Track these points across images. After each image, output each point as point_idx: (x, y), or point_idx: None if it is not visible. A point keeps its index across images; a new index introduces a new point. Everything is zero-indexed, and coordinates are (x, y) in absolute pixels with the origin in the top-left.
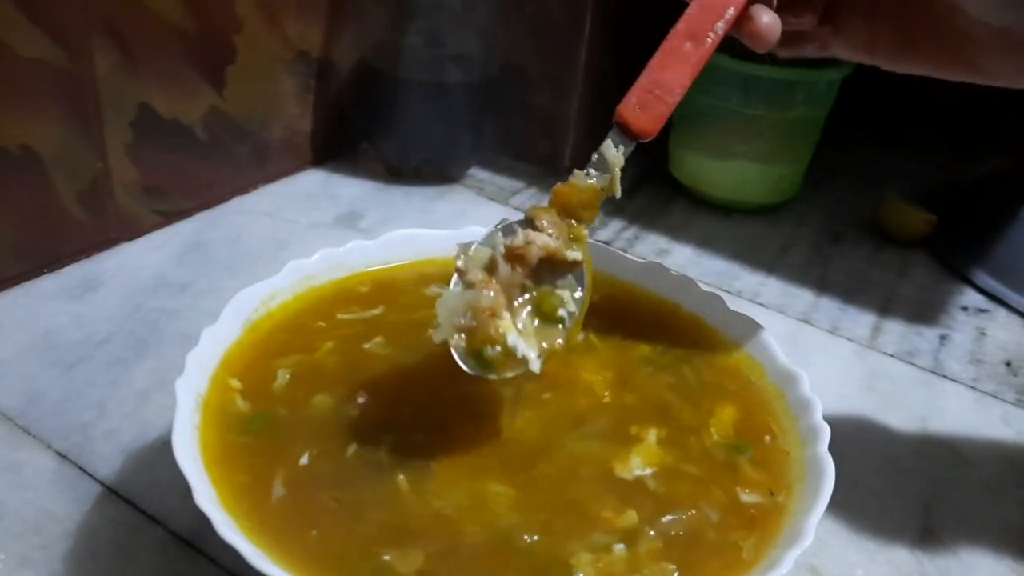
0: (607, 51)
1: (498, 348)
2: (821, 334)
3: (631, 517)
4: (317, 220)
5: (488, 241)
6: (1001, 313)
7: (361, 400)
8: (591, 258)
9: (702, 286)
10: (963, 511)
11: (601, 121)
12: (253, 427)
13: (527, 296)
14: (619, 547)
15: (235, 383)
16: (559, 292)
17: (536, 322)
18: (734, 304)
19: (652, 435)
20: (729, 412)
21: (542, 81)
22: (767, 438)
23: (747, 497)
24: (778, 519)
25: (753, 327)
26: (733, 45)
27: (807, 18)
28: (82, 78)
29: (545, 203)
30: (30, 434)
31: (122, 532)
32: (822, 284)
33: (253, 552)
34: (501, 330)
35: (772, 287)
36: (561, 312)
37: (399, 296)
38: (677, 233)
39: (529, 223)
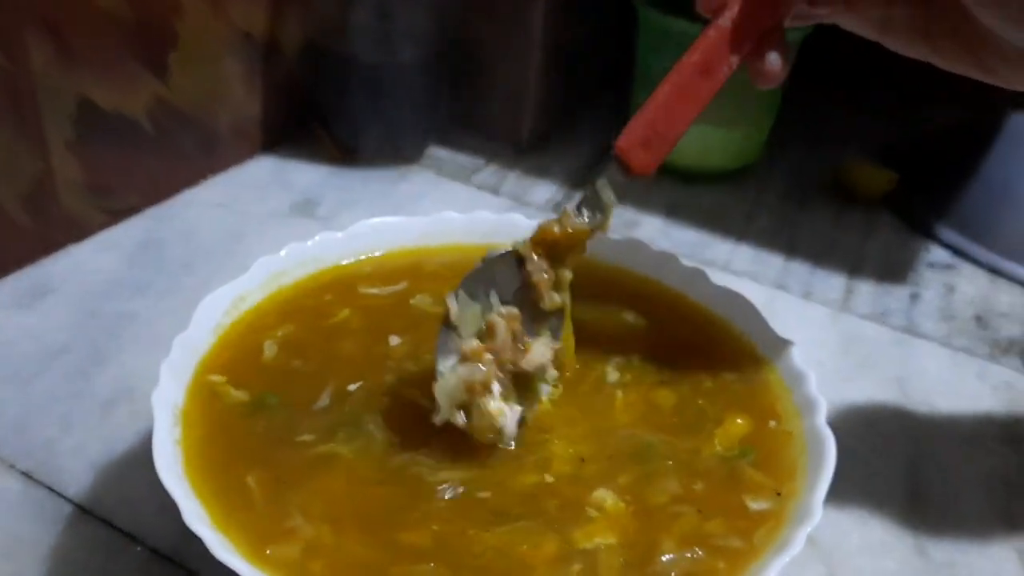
0: (564, 19)
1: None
2: (795, 300)
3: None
4: (272, 209)
5: (477, 288)
6: (967, 268)
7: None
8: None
9: (682, 260)
10: (948, 468)
11: (558, 94)
12: (265, 403)
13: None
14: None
15: (217, 378)
16: (536, 347)
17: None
18: (707, 273)
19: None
20: (734, 422)
21: (497, 54)
22: (772, 423)
23: (755, 505)
24: (786, 504)
25: (740, 302)
26: (686, 5)
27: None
28: (17, 74)
29: (508, 178)
30: None
31: (99, 553)
32: (791, 249)
33: (252, 571)
34: (491, 407)
35: (743, 254)
36: (542, 387)
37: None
38: (643, 204)
39: (519, 262)
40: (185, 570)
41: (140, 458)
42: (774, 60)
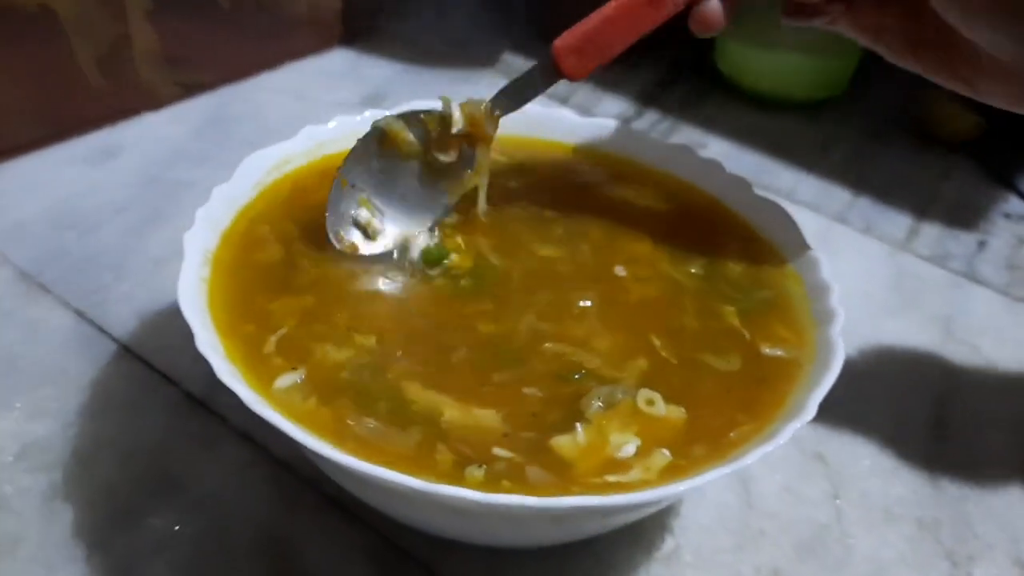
0: None
1: None
2: (854, 234)
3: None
4: (341, 99)
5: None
6: None
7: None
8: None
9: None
10: (977, 407)
11: None
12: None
13: None
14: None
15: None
16: None
17: None
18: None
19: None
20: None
21: None
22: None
23: (769, 351)
24: (783, 396)
25: (778, 212)
26: None
27: None
28: None
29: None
30: (48, 292)
31: (135, 389)
32: (860, 183)
33: (252, 398)
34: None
35: (808, 185)
36: None
37: None
38: (714, 126)
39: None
40: (214, 414)
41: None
42: (713, 7)
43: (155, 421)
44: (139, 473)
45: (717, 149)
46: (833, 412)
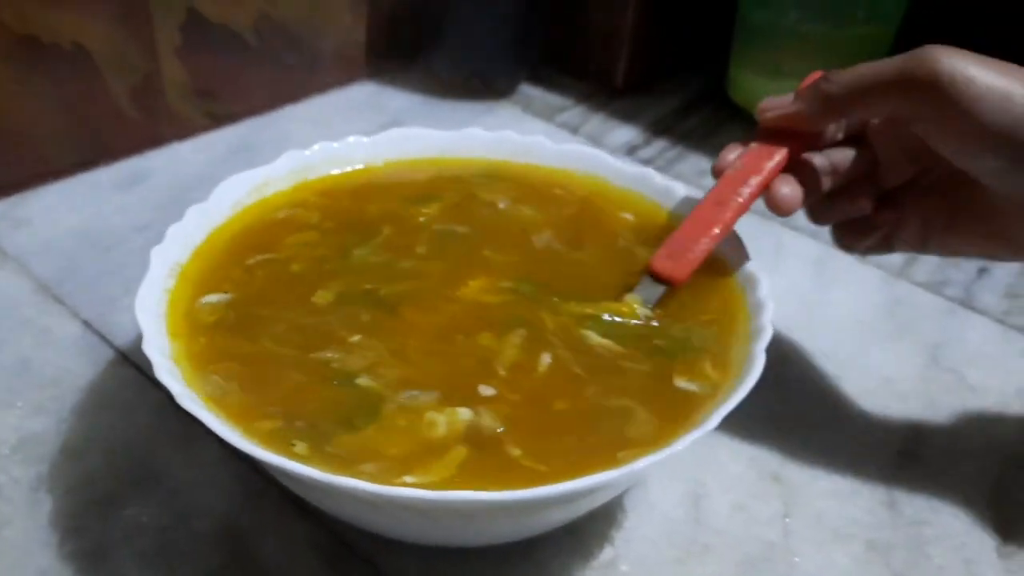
0: None
1: None
2: (849, 261)
3: None
4: (360, 129)
5: None
6: None
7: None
8: None
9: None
10: (951, 435)
11: (656, 38)
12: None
13: None
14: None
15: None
16: None
17: None
18: (765, 227)
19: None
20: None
21: None
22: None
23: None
24: (698, 412)
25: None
26: None
27: (862, 203)
28: None
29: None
30: (62, 303)
31: (127, 392)
32: None
33: (183, 392)
34: None
35: None
36: None
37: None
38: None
39: None
40: (196, 421)
41: None
42: (784, 191)
43: (141, 421)
44: (120, 467)
45: None
46: (798, 435)
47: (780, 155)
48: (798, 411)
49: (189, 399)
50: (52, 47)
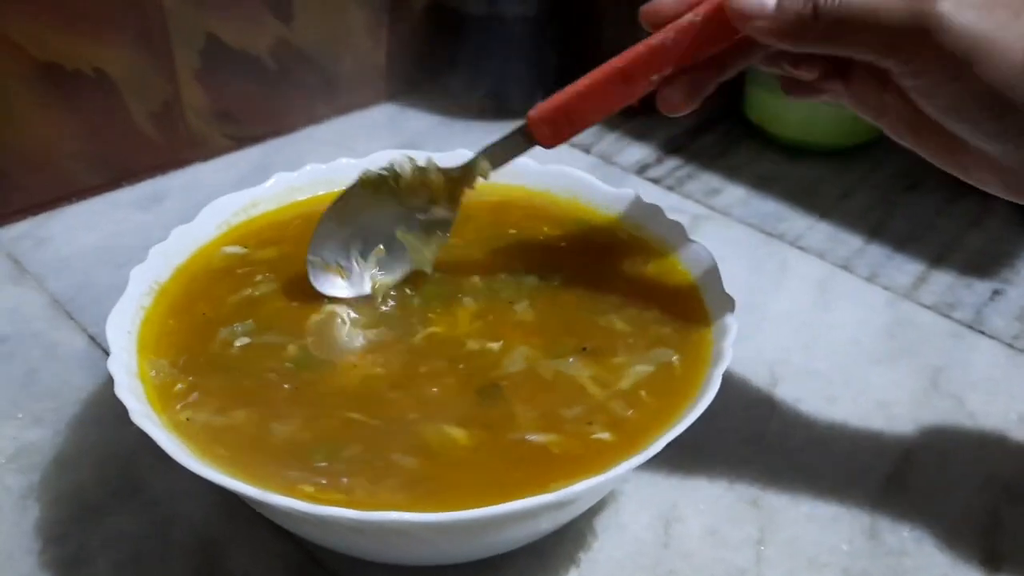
0: None
1: None
2: (855, 281)
3: None
4: (376, 149)
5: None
6: None
7: None
8: None
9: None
10: (944, 463)
11: None
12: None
13: None
14: None
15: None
16: None
17: None
18: (771, 246)
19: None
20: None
21: (608, 16)
22: (674, 358)
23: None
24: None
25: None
26: None
27: (803, 70)
28: (148, 8)
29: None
30: (72, 318)
31: (121, 405)
32: (876, 231)
33: (140, 410)
34: None
35: (819, 231)
36: None
37: None
38: (735, 173)
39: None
40: None
41: None
42: (676, 95)
43: (131, 433)
44: (107, 478)
45: (732, 195)
46: (782, 458)
47: (708, 48)
48: (784, 434)
49: (144, 417)
50: (74, 73)
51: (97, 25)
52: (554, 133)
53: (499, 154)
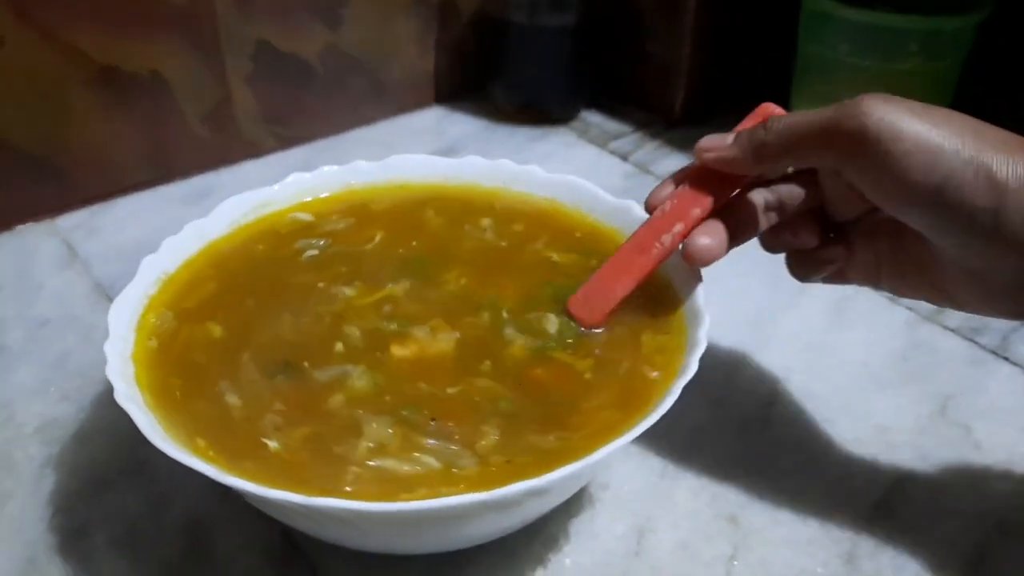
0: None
1: None
2: (877, 300)
3: None
4: (415, 152)
5: None
6: None
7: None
8: None
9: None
10: (938, 494)
11: (714, 70)
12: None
13: None
14: None
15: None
16: None
17: None
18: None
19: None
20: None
21: (652, 26)
22: (654, 374)
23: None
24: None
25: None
26: None
27: (804, 237)
28: (202, 15)
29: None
30: (110, 303)
31: None
32: None
33: (125, 392)
34: None
35: None
36: None
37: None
38: None
39: None
40: None
41: None
42: (702, 243)
43: None
44: (118, 456)
45: None
46: (768, 478)
47: (708, 202)
48: (774, 455)
49: (128, 399)
50: (132, 75)
51: (153, 30)
52: (589, 313)
53: None
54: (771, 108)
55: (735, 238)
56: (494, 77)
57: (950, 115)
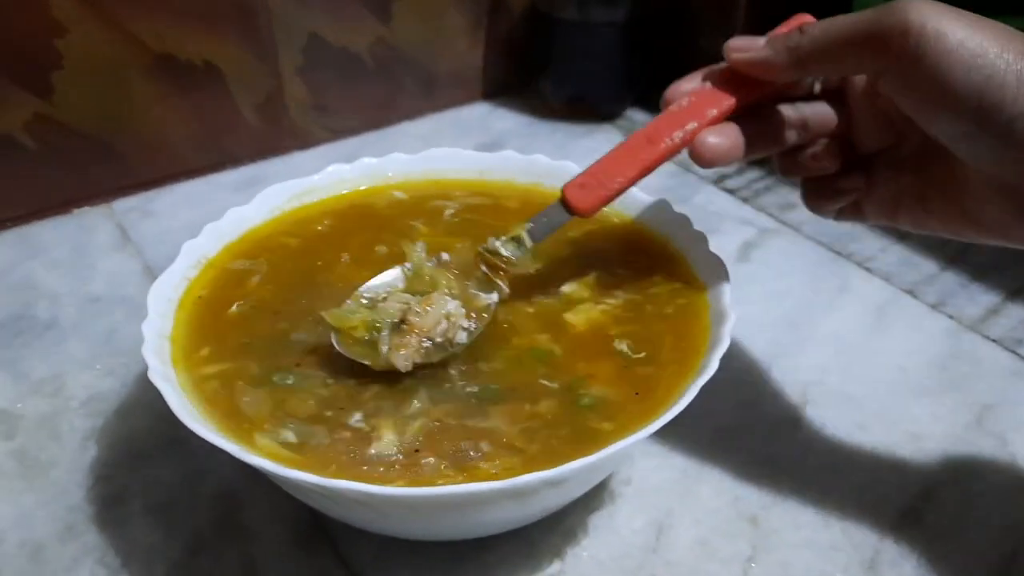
0: None
1: None
2: (919, 307)
3: None
4: (462, 145)
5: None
6: None
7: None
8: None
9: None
10: (969, 504)
11: None
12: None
13: None
14: None
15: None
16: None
17: None
18: (836, 265)
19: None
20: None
21: (701, 24)
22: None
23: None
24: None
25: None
26: None
27: (826, 162)
28: (256, 8)
29: None
30: None
31: None
32: (956, 258)
33: (157, 369)
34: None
35: (892, 254)
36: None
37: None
38: None
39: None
40: None
41: None
42: (709, 141)
43: None
44: (158, 430)
45: (806, 210)
46: (794, 480)
47: (727, 103)
48: (802, 457)
49: (160, 376)
50: (186, 64)
51: (208, 21)
52: (587, 196)
53: (544, 226)
54: (806, 17)
55: (752, 147)
56: (543, 72)
57: (995, 23)
